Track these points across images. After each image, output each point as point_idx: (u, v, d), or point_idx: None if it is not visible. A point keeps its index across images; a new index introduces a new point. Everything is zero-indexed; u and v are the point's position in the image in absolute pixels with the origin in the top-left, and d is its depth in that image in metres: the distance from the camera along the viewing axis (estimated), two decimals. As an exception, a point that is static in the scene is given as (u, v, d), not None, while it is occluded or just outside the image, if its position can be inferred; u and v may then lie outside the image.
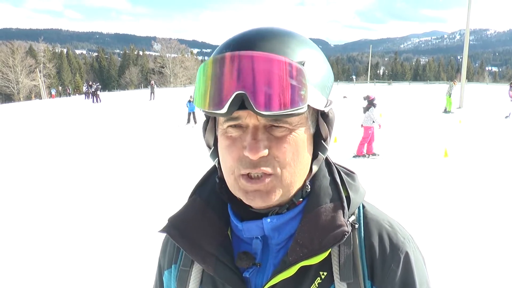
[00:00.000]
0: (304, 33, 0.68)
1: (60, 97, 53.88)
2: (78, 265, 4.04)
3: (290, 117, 0.60)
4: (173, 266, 0.77)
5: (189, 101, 15.26)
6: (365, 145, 8.76)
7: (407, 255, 0.67)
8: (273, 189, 0.63)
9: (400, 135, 10.99)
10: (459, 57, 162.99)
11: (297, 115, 0.59)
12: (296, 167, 0.63)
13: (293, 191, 0.66)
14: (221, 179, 0.70)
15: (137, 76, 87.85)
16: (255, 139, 0.60)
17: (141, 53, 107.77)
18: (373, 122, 8.58)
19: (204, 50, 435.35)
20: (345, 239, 0.63)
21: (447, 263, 3.77)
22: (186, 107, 15.67)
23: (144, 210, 5.58)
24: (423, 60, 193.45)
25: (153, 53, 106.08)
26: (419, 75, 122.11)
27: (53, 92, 53.76)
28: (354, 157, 8.71)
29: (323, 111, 0.66)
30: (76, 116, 20.51)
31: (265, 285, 0.66)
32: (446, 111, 17.55)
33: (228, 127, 0.63)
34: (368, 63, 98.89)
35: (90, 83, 39.63)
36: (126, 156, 9.67)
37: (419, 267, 0.68)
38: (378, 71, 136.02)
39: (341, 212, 0.66)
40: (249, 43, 0.60)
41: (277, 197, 0.63)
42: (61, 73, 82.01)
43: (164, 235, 0.78)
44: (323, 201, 0.67)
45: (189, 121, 15.18)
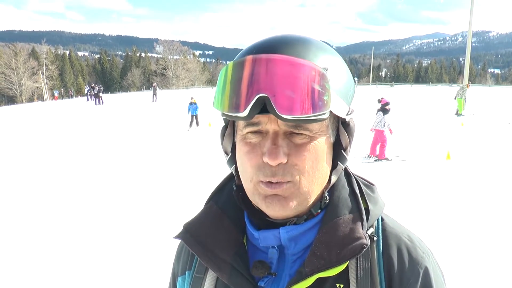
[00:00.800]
0: (305, 34, 0.69)
1: (62, 99, 53.98)
2: (83, 272, 4.03)
3: (311, 123, 0.59)
4: (187, 272, 0.76)
5: (190, 103, 14.71)
6: (379, 148, 8.72)
7: (426, 270, 0.65)
8: (291, 195, 0.62)
9: (402, 138, 10.95)
10: (461, 59, 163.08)
11: (319, 121, 0.58)
12: (314, 175, 0.63)
13: (310, 201, 0.64)
14: (239, 186, 0.70)
15: (139, 78, 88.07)
16: (275, 144, 0.59)
17: (143, 55, 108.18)
18: (384, 126, 8.56)
19: (206, 52, 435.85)
20: (363, 252, 0.62)
21: (449, 265, 3.75)
22: (188, 111, 14.84)
23: (151, 214, 5.57)
24: (425, 62, 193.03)
25: (155, 55, 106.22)
26: (421, 77, 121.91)
27: (56, 94, 53.87)
28: (376, 161, 8.68)
29: (344, 119, 0.65)
30: (78, 118, 20.54)
31: None
32: (458, 114, 17.13)
33: (247, 133, 0.62)
34: (370, 65, 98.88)
35: (92, 85, 39.72)
36: (130, 158, 9.67)
37: (438, 283, 0.66)
38: (380, 73, 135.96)
39: (360, 224, 0.65)
40: (272, 47, 0.60)
41: (294, 204, 0.62)
42: (63, 75, 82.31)
43: (178, 241, 0.77)
44: (341, 212, 0.66)
45: (191, 124, 14.69)
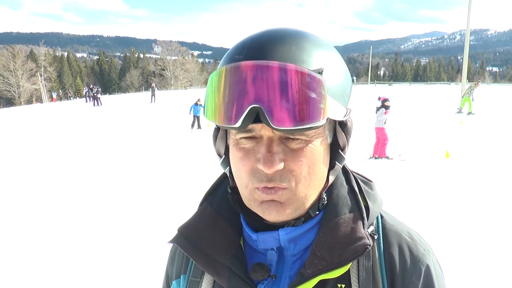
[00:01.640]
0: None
1: (61, 100, 53.95)
2: (83, 272, 4.02)
3: (307, 130, 0.56)
4: (182, 276, 0.74)
5: (196, 104, 14.47)
6: (379, 146, 8.75)
7: (428, 268, 0.65)
8: (287, 201, 0.60)
9: (401, 136, 10.96)
10: (459, 58, 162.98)
11: (316, 128, 0.55)
12: (311, 180, 0.61)
13: (307, 205, 0.63)
14: (233, 189, 0.68)
15: (137, 78, 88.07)
16: (270, 151, 0.57)
17: (141, 55, 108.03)
18: (384, 123, 8.58)
19: (204, 52, 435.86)
20: (366, 252, 0.61)
21: (448, 263, 3.75)
22: (190, 110, 14.63)
23: (151, 215, 5.56)
24: (424, 60, 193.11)
25: (154, 56, 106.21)
26: (419, 75, 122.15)
27: (54, 95, 53.80)
28: (376, 158, 8.71)
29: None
30: (77, 119, 20.53)
31: None
32: (468, 113, 17.03)
33: (241, 138, 0.60)
34: (368, 64, 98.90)
35: (90, 86, 39.67)
36: (130, 159, 9.65)
37: (439, 281, 0.66)
38: (378, 72, 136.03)
39: (360, 223, 0.64)
40: (263, 49, 0.56)
41: (291, 210, 0.61)
42: (62, 77, 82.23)
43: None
44: (341, 211, 0.65)
45: (193, 126, 14.47)
